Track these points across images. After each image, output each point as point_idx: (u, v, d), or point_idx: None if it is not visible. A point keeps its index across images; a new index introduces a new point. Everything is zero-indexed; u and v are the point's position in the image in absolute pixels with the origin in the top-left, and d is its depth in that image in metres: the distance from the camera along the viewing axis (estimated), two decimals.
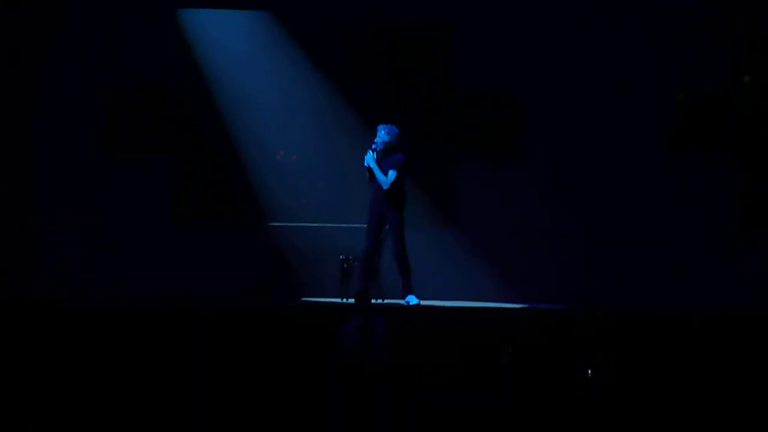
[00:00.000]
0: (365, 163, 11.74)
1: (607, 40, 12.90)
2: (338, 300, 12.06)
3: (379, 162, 11.73)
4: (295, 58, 13.31)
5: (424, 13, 13.09)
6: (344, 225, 12.46)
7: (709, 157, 12.82)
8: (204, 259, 12.93)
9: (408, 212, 11.81)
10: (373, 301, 11.56)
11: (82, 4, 13.06)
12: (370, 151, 11.73)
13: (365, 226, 11.86)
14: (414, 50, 13.24)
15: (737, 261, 12.64)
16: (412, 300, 11.69)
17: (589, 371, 9.02)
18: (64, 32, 13.07)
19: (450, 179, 13.19)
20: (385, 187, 11.67)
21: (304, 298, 12.57)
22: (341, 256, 12.28)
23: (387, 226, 11.82)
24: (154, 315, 10.19)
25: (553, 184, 12.94)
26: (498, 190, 13.03)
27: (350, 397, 9.01)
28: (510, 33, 12.94)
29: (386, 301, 11.82)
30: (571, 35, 12.91)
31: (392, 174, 11.67)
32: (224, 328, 9.93)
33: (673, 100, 12.85)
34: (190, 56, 13.22)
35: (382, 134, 11.78)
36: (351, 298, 11.75)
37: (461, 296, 12.64)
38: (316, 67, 13.27)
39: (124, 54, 13.04)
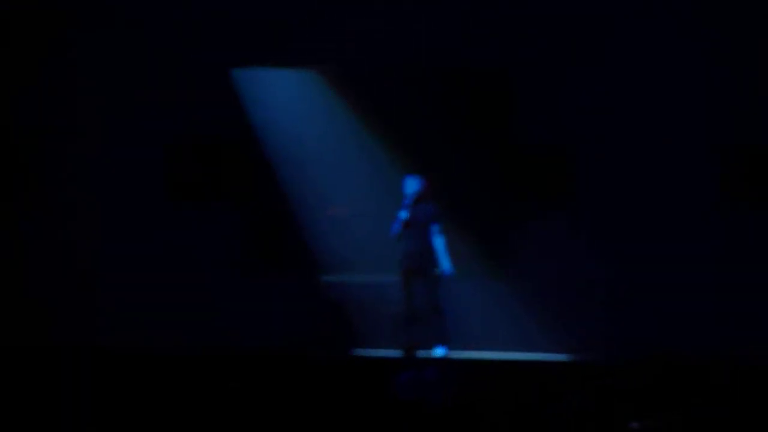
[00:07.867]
0: (399, 220, 11.80)
1: (659, 91, 12.93)
2: (391, 352, 12.21)
3: (414, 214, 11.82)
4: (349, 111, 13.55)
5: (481, 63, 13.21)
6: (398, 278, 12.53)
7: (758, 212, 12.80)
8: (261, 307, 13.18)
9: (458, 263, 11.91)
10: (422, 352, 11.68)
11: (147, 64, 13.45)
12: (403, 210, 11.80)
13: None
14: (470, 100, 13.37)
15: None
16: (440, 351, 11.74)
17: (636, 424, 9.00)
18: (131, 88, 13.47)
19: (502, 229, 13.28)
20: (442, 238, 11.77)
21: (358, 350, 12.75)
22: (394, 309, 12.43)
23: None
24: (206, 360, 10.26)
25: (606, 234, 12.94)
26: (549, 240, 13.06)
27: None
28: (566, 86, 13.03)
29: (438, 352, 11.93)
30: (624, 86, 12.97)
31: (437, 228, 11.79)
32: (277, 375, 10.05)
33: (723, 154, 12.82)
34: (249, 111, 13.52)
35: (413, 184, 11.90)
36: (402, 350, 11.88)
37: (512, 347, 12.68)
38: (370, 119, 13.52)
39: (185, 108, 13.39)
